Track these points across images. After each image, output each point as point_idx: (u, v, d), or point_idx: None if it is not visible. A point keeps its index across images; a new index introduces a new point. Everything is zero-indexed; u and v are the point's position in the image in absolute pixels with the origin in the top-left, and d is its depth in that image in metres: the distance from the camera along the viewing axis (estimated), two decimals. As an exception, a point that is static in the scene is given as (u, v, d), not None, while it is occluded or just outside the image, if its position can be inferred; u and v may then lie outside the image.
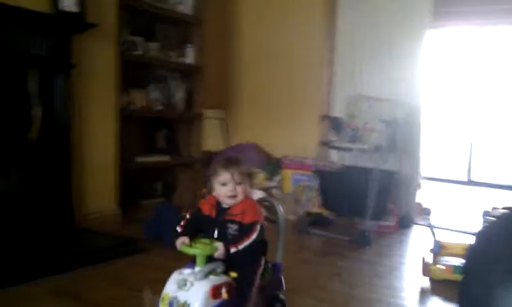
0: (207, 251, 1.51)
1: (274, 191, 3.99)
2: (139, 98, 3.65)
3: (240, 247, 1.57)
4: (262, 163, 4.12)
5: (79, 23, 2.80)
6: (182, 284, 1.48)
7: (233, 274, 1.57)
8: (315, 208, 3.69)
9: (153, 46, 3.72)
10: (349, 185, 3.35)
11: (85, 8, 2.81)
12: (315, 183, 3.63)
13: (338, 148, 3.62)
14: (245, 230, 1.61)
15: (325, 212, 3.61)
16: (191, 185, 3.97)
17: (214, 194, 1.68)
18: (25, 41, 2.60)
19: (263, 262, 1.69)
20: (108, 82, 3.17)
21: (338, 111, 3.93)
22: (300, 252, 3.05)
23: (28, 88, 2.63)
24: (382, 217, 3.46)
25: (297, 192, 3.86)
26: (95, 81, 3.05)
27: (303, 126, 4.19)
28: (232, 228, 1.64)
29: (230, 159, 1.72)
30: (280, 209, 1.86)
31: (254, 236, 1.60)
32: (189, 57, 3.98)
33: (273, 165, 4.13)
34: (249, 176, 1.72)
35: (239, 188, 1.65)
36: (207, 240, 1.57)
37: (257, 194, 3.70)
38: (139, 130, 3.85)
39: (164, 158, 3.89)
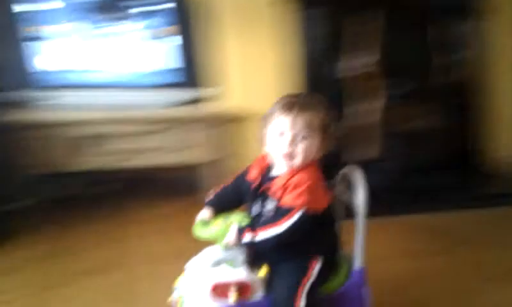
0: (212, 234, 1.10)
1: None
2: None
3: (259, 237, 1.06)
4: None
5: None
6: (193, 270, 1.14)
7: (263, 271, 1.11)
8: None
9: None
10: None
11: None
12: None
13: None
14: (278, 215, 1.07)
15: None
16: None
17: (266, 149, 1.16)
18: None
19: (317, 266, 1.12)
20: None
21: None
22: None
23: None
24: None
25: None
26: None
27: None
28: (267, 207, 1.12)
29: (297, 99, 1.14)
30: (362, 184, 1.18)
31: (284, 227, 1.05)
32: None
33: None
34: (323, 130, 1.12)
35: (301, 146, 1.10)
36: (239, 216, 1.12)
37: None
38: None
39: None
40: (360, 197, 1.17)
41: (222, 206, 1.19)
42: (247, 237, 1.06)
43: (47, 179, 2.38)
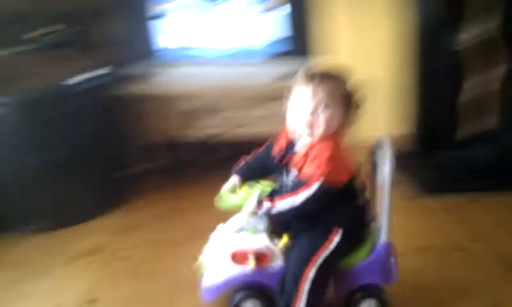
0: (237, 201, 1.17)
1: None
2: None
3: (276, 207, 1.10)
4: None
5: None
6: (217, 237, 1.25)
7: (284, 241, 1.16)
8: None
9: None
10: None
11: None
12: None
13: None
14: (297, 185, 1.10)
15: None
16: None
17: (288, 121, 1.17)
18: None
19: (336, 238, 1.13)
20: None
21: None
22: None
23: None
24: None
25: None
26: None
27: None
28: (289, 178, 1.16)
29: (319, 70, 1.15)
30: (390, 154, 1.14)
31: (301, 197, 1.07)
32: None
33: None
34: (345, 101, 1.13)
35: (323, 117, 1.10)
36: (263, 185, 1.18)
37: None
38: None
39: None
40: (386, 169, 1.14)
41: (249, 175, 1.25)
42: (265, 205, 1.10)
43: (161, 148, 2.58)
